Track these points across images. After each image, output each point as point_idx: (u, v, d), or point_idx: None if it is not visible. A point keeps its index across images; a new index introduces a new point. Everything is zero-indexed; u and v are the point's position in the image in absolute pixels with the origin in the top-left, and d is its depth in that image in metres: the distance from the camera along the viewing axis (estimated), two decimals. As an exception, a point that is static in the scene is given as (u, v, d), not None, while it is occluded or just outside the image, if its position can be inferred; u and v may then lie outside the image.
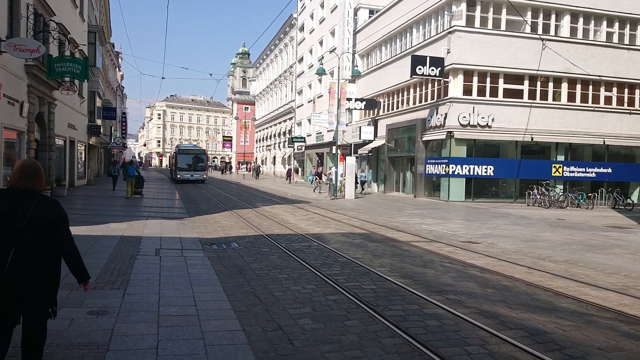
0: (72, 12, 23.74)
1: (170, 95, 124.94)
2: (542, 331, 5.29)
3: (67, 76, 18.84)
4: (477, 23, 25.46)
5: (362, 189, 31.05)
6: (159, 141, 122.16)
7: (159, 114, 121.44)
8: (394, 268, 8.40)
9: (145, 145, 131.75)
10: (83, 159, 29.99)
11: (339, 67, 28.05)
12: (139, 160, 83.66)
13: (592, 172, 26.79)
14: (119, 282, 6.72)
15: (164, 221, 13.89)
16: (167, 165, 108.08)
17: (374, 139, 33.06)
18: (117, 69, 61.70)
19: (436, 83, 26.56)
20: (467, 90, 25.38)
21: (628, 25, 27.37)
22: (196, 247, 9.85)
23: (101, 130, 37.67)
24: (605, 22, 27.00)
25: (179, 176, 38.62)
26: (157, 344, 4.52)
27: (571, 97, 26.55)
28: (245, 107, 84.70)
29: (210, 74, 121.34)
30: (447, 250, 10.51)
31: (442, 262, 9.11)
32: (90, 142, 33.78)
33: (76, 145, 26.92)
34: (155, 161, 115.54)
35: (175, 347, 4.49)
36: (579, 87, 26.55)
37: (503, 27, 25.68)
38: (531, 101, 25.73)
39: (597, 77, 26.16)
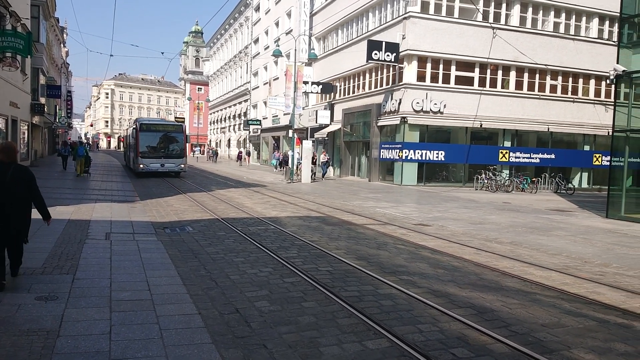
0: (12, -18, 22.29)
1: (119, 74, 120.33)
2: (490, 309, 5.55)
3: (8, 51, 17.81)
4: (432, 10, 25.81)
5: (324, 173, 30.16)
6: (106, 121, 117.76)
7: (107, 93, 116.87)
8: (350, 250, 8.54)
9: (92, 125, 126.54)
10: (26, 139, 28.52)
11: (295, 50, 27.86)
12: (85, 141, 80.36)
13: (536, 158, 27.99)
14: (67, 267, 6.51)
15: (113, 204, 13.48)
16: (117, 147, 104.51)
17: (331, 123, 33.15)
18: (62, 45, 58.68)
19: (391, 69, 26.84)
20: (421, 77, 25.80)
21: (574, 17, 28.51)
22: (149, 231, 9.64)
23: (45, 109, 35.84)
24: (552, 13, 28.00)
25: (141, 166, 24.65)
26: (110, 329, 4.42)
27: (519, 85, 27.51)
28: (198, 88, 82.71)
29: (162, 53, 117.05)
30: (400, 232, 10.76)
31: (396, 244, 9.33)
32: (34, 122, 32.12)
33: (19, 125, 25.56)
34: (103, 142, 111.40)
35: (129, 331, 4.41)
36: (526, 75, 27.52)
37: (456, 14, 26.16)
38: (481, 89, 26.48)
39: (544, 66, 27.19)
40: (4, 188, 5.33)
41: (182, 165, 25.57)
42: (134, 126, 26.47)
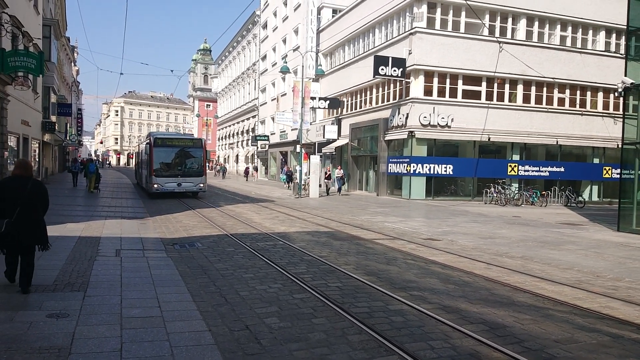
0: (26, 4, 22.78)
1: (129, 92, 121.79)
2: (502, 325, 5.49)
3: (21, 71, 18.09)
4: (438, 25, 25.99)
5: (340, 190, 28.50)
6: (116, 138, 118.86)
7: (117, 111, 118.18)
8: (359, 266, 8.51)
9: (102, 142, 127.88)
10: (37, 157, 28.86)
11: (302, 66, 28.12)
12: (95, 158, 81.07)
13: (545, 171, 27.83)
14: (78, 284, 6.53)
15: (123, 221, 13.55)
16: (127, 164, 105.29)
17: (338, 138, 33.25)
18: (72, 64, 59.64)
19: (398, 83, 26.96)
20: (428, 91, 25.88)
21: (580, 30, 28.56)
22: (158, 248, 9.67)
23: (56, 127, 36.30)
24: (559, 26, 28.08)
25: (155, 185, 21.68)
26: (120, 347, 4.43)
27: (526, 98, 27.49)
28: (207, 105, 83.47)
29: (172, 71, 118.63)
30: (409, 247, 10.71)
31: (405, 259, 9.28)
32: (45, 140, 32.53)
33: (30, 143, 25.88)
34: (112, 159, 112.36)
35: (140, 349, 4.41)
36: (533, 88, 27.51)
37: (462, 29, 26.31)
38: (488, 102, 26.48)
39: (551, 80, 27.18)
40: (25, 200, 5.95)
41: (202, 185, 22.31)
42: (147, 141, 23.14)
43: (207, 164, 64.89)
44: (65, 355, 4.18)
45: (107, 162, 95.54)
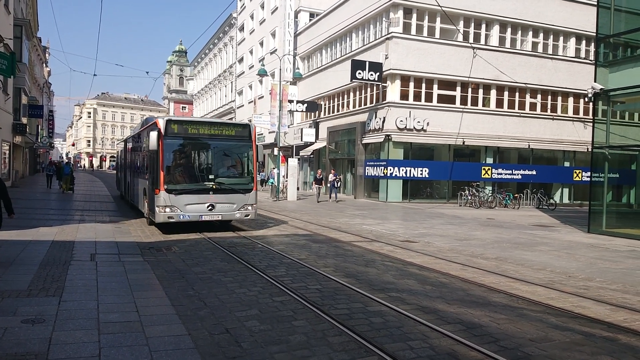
0: (-5, 3, 22.24)
1: (102, 93, 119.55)
2: (478, 325, 5.60)
3: (-10, 72, 17.62)
4: (414, 30, 26.34)
5: (336, 196, 25.82)
6: (88, 141, 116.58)
7: (89, 113, 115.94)
8: (338, 268, 8.56)
9: (74, 145, 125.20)
10: (7, 159, 28.11)
11: (280, 69, 28.10)
12: (66, 160, 79.42)
13: (518, 174, 28.43)
14: (53, 289, 6.41)
15: (97, 225, 13.32)
16: (99, 167, 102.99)
17: (316, 141, 33.33)
18: (44, 65, 58.31)
19: (375, 87, 27.20)
20: (404, 95, 26.18)
21: (551, 36, 29.32)
22: (134, 252, 9.54)
23: (27, 129, 35.45)
24: (531, 33, 28.76)
25: (166, 210, 11.87)
26: (99, 352, 4.37)
27: (499, 103, 28.06)
28: (182, 107, 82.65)
29: (147, 72, 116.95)
30: (387, 249, 10.82)
31: (383, 261, 9.37)
32: (15, 142, 31.70)
33: (0, 145, 25.21)
34: (85, 162, 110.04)
35: (119, 354, 4.37)
36: (506, 93, 28.10)
37: (437, 35, 26.73)
38: (463, 107, 26.94)
39: (523, 85, 27.81)
40: None
41: (250, 208, 12.83)
42: (149, 128, 13.01)
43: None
44: (42, 361, 4.11)
45: (79, 165, 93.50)
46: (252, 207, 12.89)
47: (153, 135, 11.76)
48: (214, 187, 12.31)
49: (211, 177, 12.50)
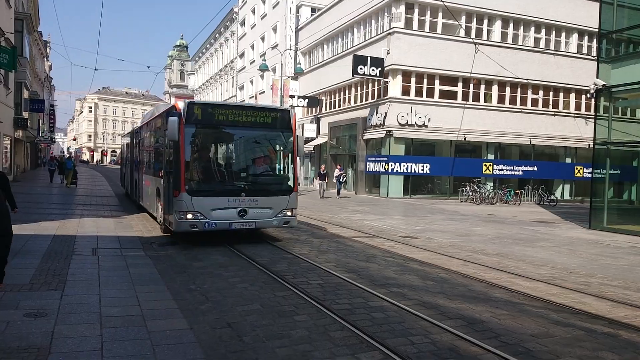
0: (-5, -4, 22.19)
1: (103, 88, 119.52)
2: (479, 320, 5.61)
3: (-8, 66, 17.63)
4: (415, 25, 26.26)
5: (339, 192, 25.60)
6: (89, 135, 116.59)
7: (90, 107, 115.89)
8: (339, 263, 8.57)
9: (75, 139, 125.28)
10: (8, 153, 28.15)
11: (281, 64, 28.07)
12: (67, 155, 79.47)
13: (519, 170, 28.41)
14: (55, 283, 6.42)
15: (99, 219, 13.33)
16: (100, 161, 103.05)
17: (317, 137, 33.30)
18: (45, 59, 58.23)
19: (376, 83, 27.15)
20: (406, 91, 26.13)
21: (554, 32, 29.22)
22: (136, 246, 9.55)
23: (28, 123, 35.46)
24: (533, 28, 28.67)
25: (189, 216, 9.49)
26: (101, 346, 4.38)
27: (501, 99, 28.00)
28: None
29: (148, 67, 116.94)
30: (388, 245, 10.82)
31: (384, 257, 9.38)
32: (17, 136, 31.73)
33: (1, 139, 25.23)
34: (85, 156, 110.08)
35: (121, 348, 4.38)
36: (508, 89, 28.04)
37: (439, 30, 26.64)
38: (464, 102, 26.89)
39: (525, 81, 27.74)
40: None
41: (289, 214, 10.61)
42: (169, 115, 10.01)
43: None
44: (44, 354, 4.12)
45: (80, 160, 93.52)
46: (293, 212, 10.56)
47: (172, 122, 9.22)
48: (246, 187, 9.97)
49: (243, 175, 10.25)
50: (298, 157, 10.81)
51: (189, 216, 9.45)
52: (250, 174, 10.36)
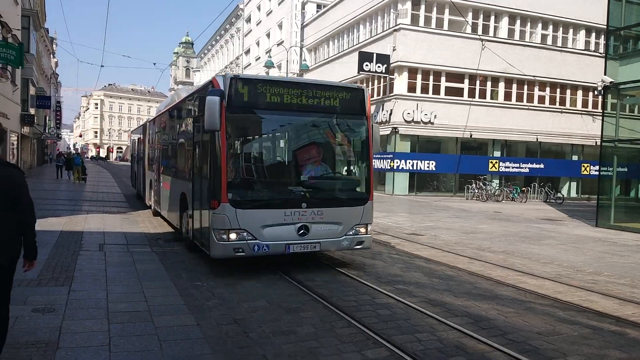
0: (3, -7, 22.26)
1: (109, 84, 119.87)
2: (485, 318, 5.60)
3: (0, 63, 17.72)
4: (422, 22, 26.17)
5: None
6: (95, 132, 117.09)
7: (96, 104, 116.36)
8: (345, 260, 8.57)
9: (81, 136, 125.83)
10: (15, 150, 28.31)
11: (287, 61, 28.04)
12: (74, 152, 79.89)
13: (525, 168, 28.30)
14: (62, 279, 6.46)
15: (105, 215, 13.39)
16: (106, 158, 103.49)
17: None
18: (51, 56, 58.48)
19: (382, 80, 27.08)
20: (412, 88, 26.06)
21: (561, 29, 29.04)
22: (142, 243, 9.59)
23: (35, 119, 35.63)
24: (540, 25, 28.50)
25: (232, 236, 6.89)
26: (109, 341, 4.41)
27: (508, 96, 27.87)
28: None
29: (154, 64, 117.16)
30: (394, 242, 10.82)
31: (390, 254, 9.38)
32: (23, 133, 31.91)
33: (8, 136, 25.37)
34: (91, 153, 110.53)
35: (129, 343, 4.40)
36: (515, 86, 27.91)
37: (446, 26, 26.54)
38: (471, 99, 26.79)
39: (532, 78, 27.59)
40: None
41: (362, 230, 7.84)
42: (206, 94, 6.77)
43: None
44: (53, 349, 4.15)
45: (86, 156, 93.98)
46: (367, 228, 7.85)
47: (212, 104, 6.56)
48: (308, 195, 7.40)
49: (304, 178, 7.66)
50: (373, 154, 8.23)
51: (233, 236, 6.90)
52: (313, 176, 7.72)
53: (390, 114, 25.63)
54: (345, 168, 8.46)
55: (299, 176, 7.68)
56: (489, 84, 27.43)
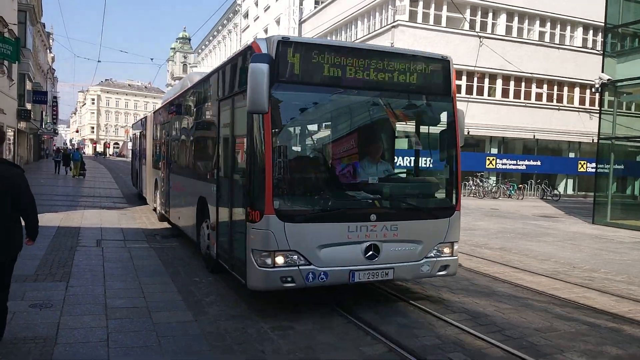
0: (-1, -13, 22.13)
1: (105, 80, 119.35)
2: (483, 314, 5.62)
3: (-4, 57, 17.64)
4: (420, 18, 26.14)
5: None
6: (92, 127, 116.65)
7: (93, 99, 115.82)
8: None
9: (77, 131, 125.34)
10: (11, 145, 28.21)
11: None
12: (70, 147, 79.68)
13: (522, 165, 28.35)
14: (60, 274, 6.45)
15: (103, 211, 13.37)
16: (103, 153, 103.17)
17: (319, 130, 33.23)
18: (48, 51, 58.17)
19: (380, 76, 27.04)
20: (410, 84, 26.04)
21: (559, 26, 29.06)
22: (140, 238, 9.59)
23: (31, 115, 35.47)
24: (538, 22, 28.50)
25: (280, 260, 4.91)
26: (107, 337, 4.41)
27: (505, 93, 27.90)
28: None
29: (152, 59, 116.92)
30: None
31: (388, 251, 9.37)
32: (20, 128, 31.79)
33: (4, 131, 25.29)
34: (88, 148, 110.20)
35: (127, 339, 4.40)
36: (512, 83, 27.93)
37: (444, 23, 26.52)
38: (468, 96, 26.79)
39: (530, 75, 27.61)
40: None
41: (447, 251, 5.75)
42: (249, 61, 4.81)
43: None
44: (51, 345, 4.15)
45: (83, 152, 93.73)
46: (452, 248, 5.85)
47: (257, 74, 4.65)
48: (377, 204, 5.50)
49: (372, 180, 5.78)
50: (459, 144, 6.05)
51: (280, 260, 4.96)
52: (384, 178, 5.95)
53: (388, 111, 25.65)
54: (426, 167, 6.59)
55: (366, 177, 5.76)
56: (486, 80, 27.44)
